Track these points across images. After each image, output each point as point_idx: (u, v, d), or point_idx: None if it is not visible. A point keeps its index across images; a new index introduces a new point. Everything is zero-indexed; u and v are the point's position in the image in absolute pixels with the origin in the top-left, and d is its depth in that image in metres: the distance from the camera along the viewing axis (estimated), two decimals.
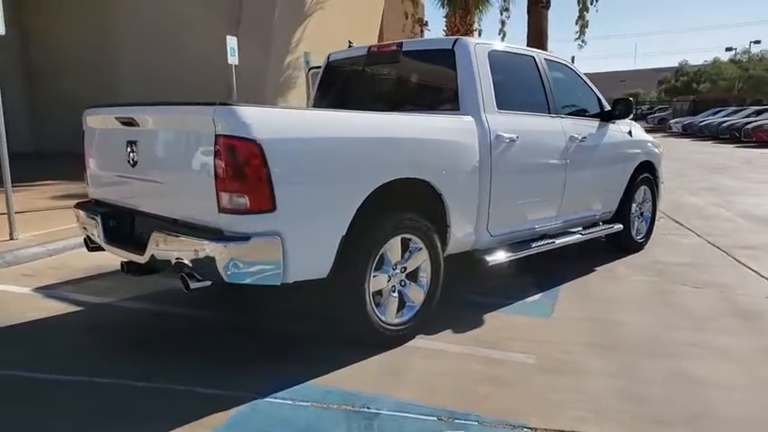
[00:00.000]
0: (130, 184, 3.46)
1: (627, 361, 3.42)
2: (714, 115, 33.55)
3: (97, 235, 3.62)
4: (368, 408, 2.84)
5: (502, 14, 18.63)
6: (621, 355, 3.51)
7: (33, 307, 4.28)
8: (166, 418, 2.72)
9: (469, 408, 2.83)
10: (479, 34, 19.17)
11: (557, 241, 4.83)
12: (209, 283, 2.97)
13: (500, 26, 18.84)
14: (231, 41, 10.05)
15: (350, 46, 5.04)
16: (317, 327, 3.88)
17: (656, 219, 6.50)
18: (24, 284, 4.85)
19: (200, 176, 2.93)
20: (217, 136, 2.79)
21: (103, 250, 3.86)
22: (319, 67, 6.34)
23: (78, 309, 4.27)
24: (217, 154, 2.79)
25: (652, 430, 2.66)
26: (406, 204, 3.55)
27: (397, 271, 3.58)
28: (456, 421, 2.72)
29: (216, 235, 2.86)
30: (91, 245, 3.82)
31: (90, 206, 3.86)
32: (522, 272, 4.95)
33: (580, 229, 5.29)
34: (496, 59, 4.29)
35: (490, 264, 4.13)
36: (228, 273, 2.85)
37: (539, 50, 5.11)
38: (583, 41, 18.41)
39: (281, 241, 2.90)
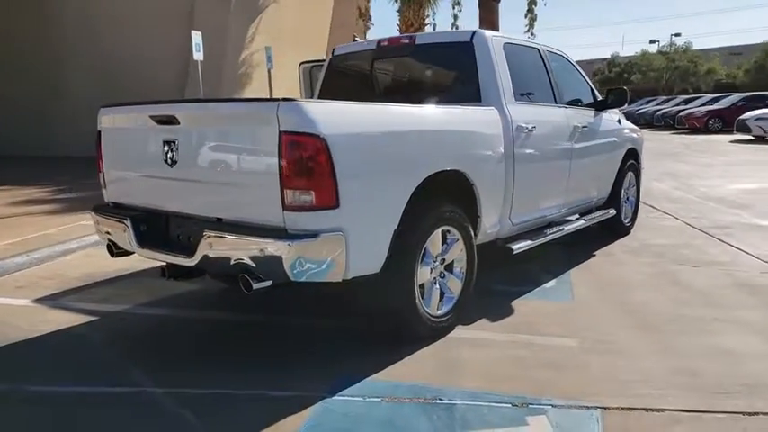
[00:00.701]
0: (166, 184, 3.32)
1: (662, 338, 3.57)
2: (647, 104, 35.22)
3: (127, 240, 3.45)
4: (440, 399, 2.85)
5: (454, 8, 18.87)
6: (655, 333, 3.65)
7: (42, 320, 4.04)
8: (244, 425, 2.65)
9: (538, 393, 2.89)
10: (434, 28, 19.35)
11: (566, 228, 4.98)
12: (269, 283, 2.90)
13: (453, 20, 19.10)
14: (196, 37, 9.76)
15: (354, 40, 4.99)
16: (350, 324, 3.86)
17: None
18: (21, 296, 4.57)
19: (260, 174, 2.85)
20: (281, 133, 2.72)
21: (128, 255, 3.71)
22: (311, 62, 6.28)
23: (92, 318, 4.07)
24: (281, 151, 2.72)
25: (717, 401, 2.79)
26: (444, 197, 3.57)
27: (437, 263, 3.60)
28: (531, 406, 2.77)
29: (280, 233, 2.80)
30: (116, 250, 3.64)
31: (112, 209, 3.68)
32: (528, 260, 5.05)
33: (576, 216, 5.46)
34: (509, 51, 4.36)
35: (515, 252, 4.21)
36: (295, 271, 2.79)
37: (540, 42, 5.23)
38: (532, 34, 18.89)
39: (344, 237, 2.87)
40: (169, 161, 3.19)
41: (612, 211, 5.84)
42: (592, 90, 5.65)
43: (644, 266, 5.15)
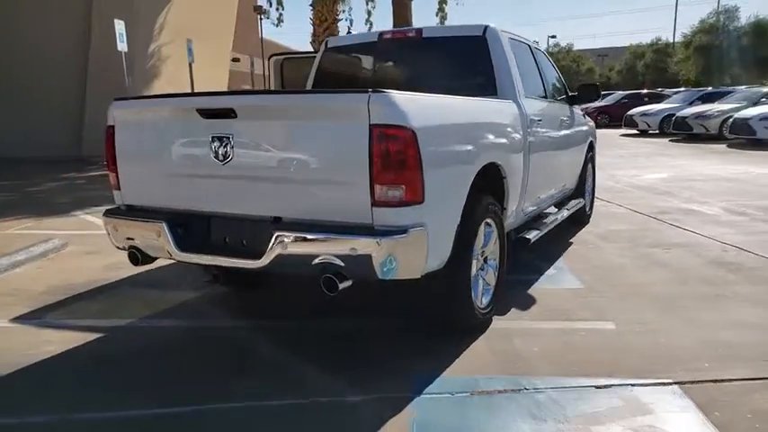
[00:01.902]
0: (211, 183, 3.06)
1: (683, 316, 3.82)
2: None
3: (160, 245, 3.14)
4: (525, 389, 2.88)
5: (368, 4, 18.92)
6: (674, 311, 3.90)
7: (39, 340, 3.59)
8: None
9: (609, 374, 2.99)
10: (350, 24, 19.31)
11: (558, 217, 5.19)
12: (350, 283, 2.77)
13: (366, 16, 19.15)
14: (119, 26, 9.04)
15: (348, 32, 4.87)
16: (384, 323, 3.79)
17: None
18: None
19: (344, 169, 2.71)
20: (372, 126, 2.60)
21: (149, 262, 3.38)
22: (281, 55, 6.06)
23: (98, 335, 3.67)
24: (372, 144, 2.61)
25: (764, 366, 3.06)
26: (484, 190, 3.60)
27: (478, 255, 3.63)
28: (613, 387, 2.87)
29: (367, 230, 2.68)
30: (141, 257, 3.30)
31: (136, 212, 3.33)
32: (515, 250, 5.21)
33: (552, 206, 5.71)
34: (513, 46, 4.47)
35: (531, 242, 4.33)
36: (384, 269, 2.69)
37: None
38: None
39: (426, 233, 2.81)
40: (221, 157, 2.94)
41: (582, 201, 6.17)
42: (564, 84, 5.92)
43: (623, 251, 5.48)
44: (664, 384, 2.89)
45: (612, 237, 6.06)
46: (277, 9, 19.40)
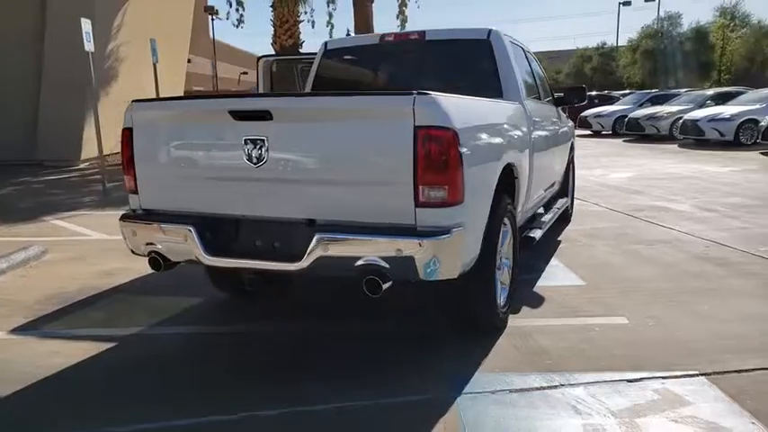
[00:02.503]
0: (241, 186, 3.00)
1: (688, 309, 3.96)
2: None
3: (187, 250, 3.06)
4: (561, 384, 2.94)
5: (329, 6, 18.84)
6: (678, 305, 4.03)
7: (45, 351, 3.44)
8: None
9: (636, 368, 3.09)
10: (312, 26, 19.17)
11: (552, 216, 5.31)
12: (390, 283, 2.77)
13: (328, 18, 19.05)
14: (86, 25, 8.70)
15: (347, 35, 4.85)
16: (397, 325, 3.81)
17: None
18: None
19: (386, 171, 2.71)
20: (416, 127, 2.61)
21: (171, 268, 3.28)
22: (269, 56, 5.98)
23: (109, 345, 3.53)
24: (416, 146, 2.62)
25: None
26: (502, 190, 3.65)
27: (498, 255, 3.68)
28: (645, 381, 2.95)
29: (410, 231, 2.69)
30: (164, 263, 3.19)
31: (159, 216, 3.23)
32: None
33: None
34: (513, 49, 4.55)
35: (536, 241, 4.41)
36: (428, 270, 2.70)
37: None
38: None
39: (464, 233, 2.83)
40: (254, 160, 2.88)
41: (567, 200, 6.34)
42: (549, 86, 6.06)
43: (610, 248, 5.66)
44: (691, 376, 3.00)
45: (598, 234, 6.24)
46: (237, 10, 19.05)
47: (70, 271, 5.18)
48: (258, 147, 2.87)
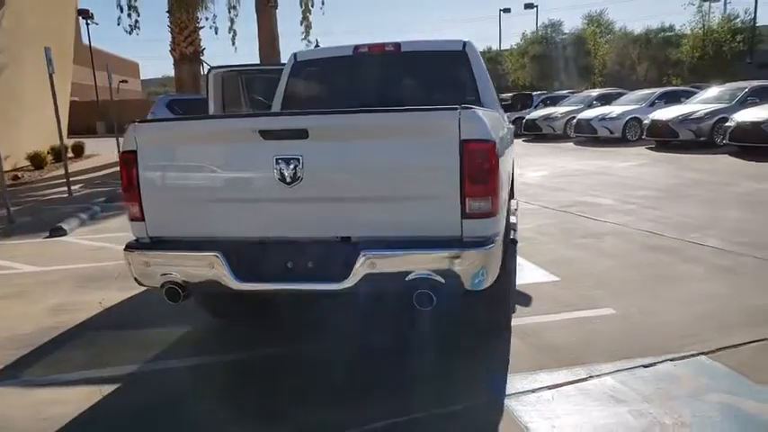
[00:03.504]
0: (272, 207, 2.89)
1: (663, 294, 4.31)
2: None
3: (215, 276, 2.89)
4: (591, 376, 3.12)
5: (230, 12, 18.37)
6: (653, 292, 4.38)
7: (40, 402, 3.12)
8: None
9: (642, 354, 3.33)
10: (216, 32, 18.53)
11: (515, 217, 5.54)
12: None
13: (230, 24, 18.57)
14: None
15: (316, 46, 4.80)
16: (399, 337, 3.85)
17: None
18: None
19: (432, 184, 2.74)
20: (462, 141, 2.66)
21: (187, 298, 3.09)
22: (221, 67, 5.77)
23: (111, 387, 3.25)
24: (463, 159, 2.67)
25: (763, 329, 3.61)
26: None
27: None
28: (657, 366, 3.19)
29: (456, 242, 2.74)
30: (183, 293, 3.00)
31: (178, 244, 3.02)
32: None
33: None
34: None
35: (517, 242, 4.60)
36: (476, 281, 2.76)
37: None
38: (309, 41, 19.46)
39: (501, 241, 2.93)
40: (287, 179, 2.79)
41: (516, 201, 6.64)
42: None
43: (564, 243, 6.02)
44: (694, 356, 3.29)
45: (545, 231, 6.61)
46: (129, 15, 18.04)
47: (14, 311, 4.69)
48: (292, 166, 2.78)
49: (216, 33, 18.61)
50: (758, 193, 8.39)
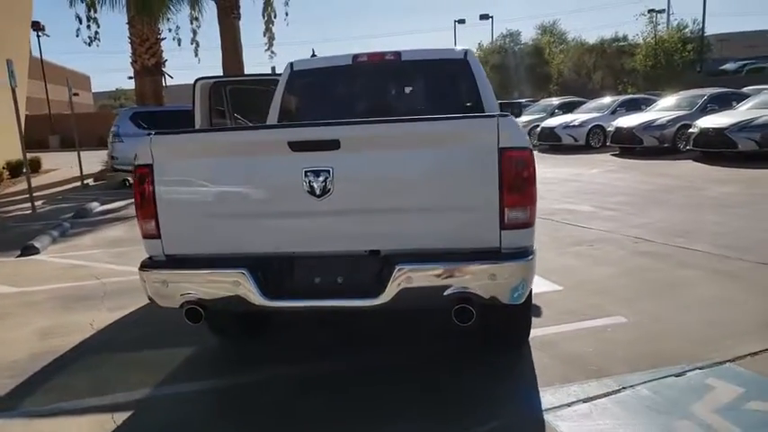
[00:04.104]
0: (300, 221, 2.77)
1: (668, 303, 4.34)
2: None
3: (241, 296, 2.75)
4: (623, 387, 3.08)
5: (192, 23, 18.00)
6: (657, 299, 4.42)
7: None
8: None
9: (669, 362, 3.33)
10: (179, 43, 18.12)
11: None
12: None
13: (192, 35, 18.18)
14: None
15: (313, 56, 4.70)
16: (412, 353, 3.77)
17: None
18: None
19: (469, 194, 2.67)
20: (501, 149, 2.61)
21: (209, 318, 2.93)
22: (212, 78, 5.61)
23: (122, 415, 3.05)
24: (502, 168, 2.61)
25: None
26: None
27: None
28: (688, 374, 3.19)
29: (494, 254, 2.68)
30: (205, 314, 2.84)
31: (196, 263, 2.86)
32: None
33: None
34: None
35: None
36: (515, 294, 2.71)
37: None
38: (273, 53, 19.22)
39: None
40: (317, 192, 2.68)
41: None
42: None
43: (557, 251, 6.03)
44: (720, 364, 3.30)
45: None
46: (89, 27, 17.43)
47: (0, 336, 4.40)
48: (322, 178, 2.68)
49: (179, 45, 18.09)
50: (728, 197, 8.66)
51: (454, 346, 3.77)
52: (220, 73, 17.84)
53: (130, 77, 19.56)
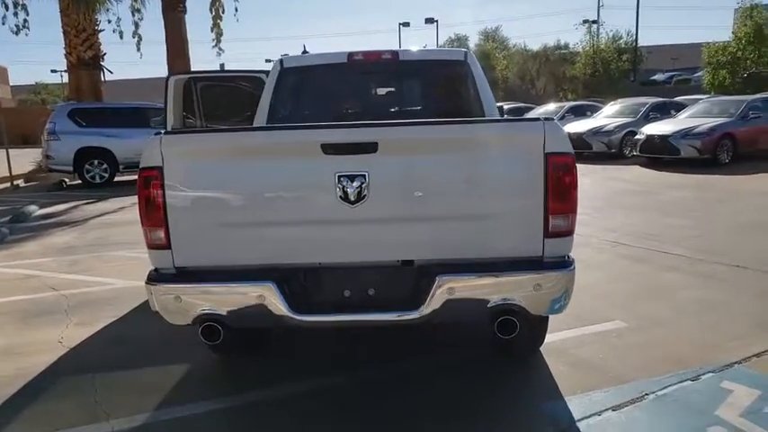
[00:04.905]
0: (330, 229, 2.57)
1: (661, 306, 4.39)
2: None
3: (266, 311, 2.52)
4: (646, 393, 3.05)
5: (134, 15, 17.19)
6: (650, 303, 4.46)
7: None
8: None
9: (677, 368, 3.33)
10: (121, 36, 17.21)
11: None
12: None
13: (134, 28, 17.37)
14: None
15: (304, 52, 4.49)
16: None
17: None
18: None
19: (512, 201, 2.56)
20: (547, 154, 2.50)
21: (219, 337, 2.67)
22: (187, 74, 5.29)
23: None
24: (548, 174, 2.51)
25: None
26: None
27: None
28: (702, 378, 3.21)
29: (539, 264, 2.57)
30: (224, 332, 2.58)
31: (215, 275, 2.60)
32: None
33: None
34: None
35: None
36: (557, 306, 2.62)
37: None
38: (220, 49, 18.63)
39: None
40: (351, 198, 2.49)
41: None
42: None
43: None
44: (730, 366, 3.34)
45: None
46: (16, 14, 16.32)
47: None
48: (357, 183, 2.49)
49: (121, 38, 17.17)
50: (683, 201, 8.99)
51: (465, 355, 3.66)
52: (165, 69, 17.14)
53: (54, 71, 18.52)
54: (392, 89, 4.59)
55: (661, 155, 13.26)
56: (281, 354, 3.86)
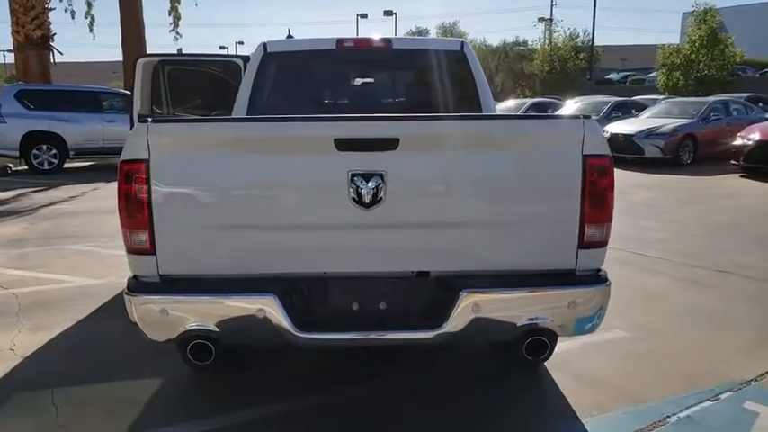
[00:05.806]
0: (340, 235, 2.27)
1: (662, 310, 4.30)
2: None
3: (266, 326, 2.20)
4: (668, 416, 2.88)
5: None
6: (645, 311, 4.33)
7: None
8: None
9: (692, 383, 3.20)
10: (72, 16, 16.27)
11: None
12: None
13: (87, 8, 16.45)
14: None
15: (289, 36, 4.14)
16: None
17: None
18: None
19: (545, 207, 2.31)
20: (585, 156, 2.27)
21: (210, 356, 2.34)
22: (156, 56, 4.87)
23: None
24: (585, 178, 2.28)
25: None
26: None
27: None
28: (723, 396, 3.06)
29: (570, 278, 2.34)
30: (216, 350, 2.25)
31: (206, 285, 2.25)
32: None
33: None
34: None
35: None
36: (588, 325, 2.41)
37: None
38: (178, 33, 17.90)
39: None
40: (366, 201, 2.20)
41: None
42: None
43: None
44: (747, 384, 3.21)
45: None
46: None
47: None
48: (373, 184, 2.20)
49: (72, 18, 16.22)
50: (654, 202, 9.03)
51: (465, 368, 3.42)
52: (119, 52, 16.33)
53: None
54: (384, 78, 4.30)
55: (625, 154, 13.37)
56: (269, 364, 3.52)
